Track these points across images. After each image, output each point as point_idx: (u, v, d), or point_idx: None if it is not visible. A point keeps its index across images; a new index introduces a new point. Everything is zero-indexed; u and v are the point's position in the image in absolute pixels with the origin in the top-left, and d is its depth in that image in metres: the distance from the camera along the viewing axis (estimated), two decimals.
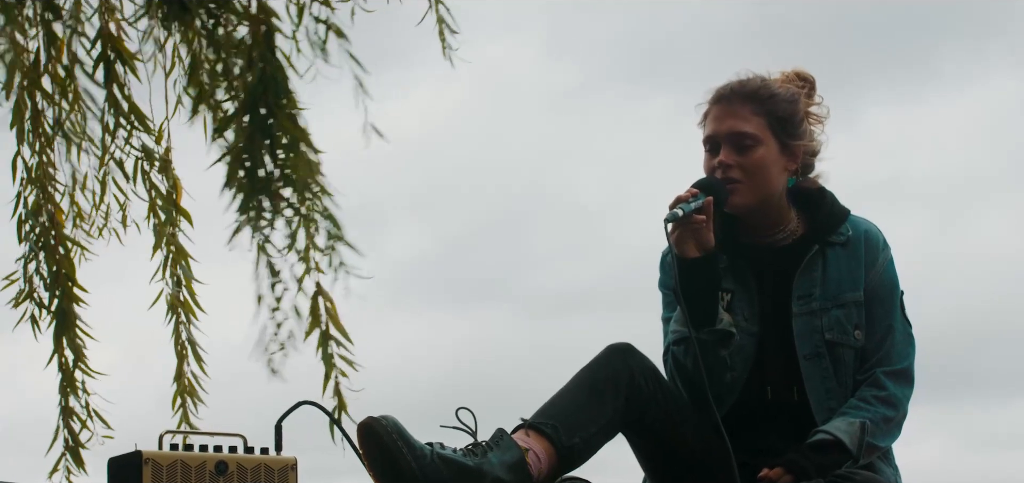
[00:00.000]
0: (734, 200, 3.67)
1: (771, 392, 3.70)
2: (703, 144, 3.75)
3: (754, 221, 3.73)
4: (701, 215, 3.58)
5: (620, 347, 3.56)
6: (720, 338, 3.61)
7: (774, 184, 3.71)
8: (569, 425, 3.41)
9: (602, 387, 3.49)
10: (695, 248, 3.59)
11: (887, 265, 3.77)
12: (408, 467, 3.17)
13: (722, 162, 3.67)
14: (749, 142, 3.68)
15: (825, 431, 3.60)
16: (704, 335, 3.58)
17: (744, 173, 3.68)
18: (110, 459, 3.49)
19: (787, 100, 3.74)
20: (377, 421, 3.20)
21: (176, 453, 3.40)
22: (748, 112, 3.69)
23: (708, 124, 3.74)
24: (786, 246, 3.75)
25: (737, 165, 3.67)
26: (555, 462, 3.39)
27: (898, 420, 3.71)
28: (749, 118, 3.69)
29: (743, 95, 3.72)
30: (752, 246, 3.74)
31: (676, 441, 3.60)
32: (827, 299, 3.70)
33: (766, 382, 3.70)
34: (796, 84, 3.81)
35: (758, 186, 3.69)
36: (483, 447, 3.31)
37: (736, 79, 3.76)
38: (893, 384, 3.70)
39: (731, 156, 3.68)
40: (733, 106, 3.70)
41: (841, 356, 3.70)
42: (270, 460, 3.46)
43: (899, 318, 3.76)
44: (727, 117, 3.70)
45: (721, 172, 3.67)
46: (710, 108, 3.75)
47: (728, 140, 3.68)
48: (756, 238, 3.74)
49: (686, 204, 3.57)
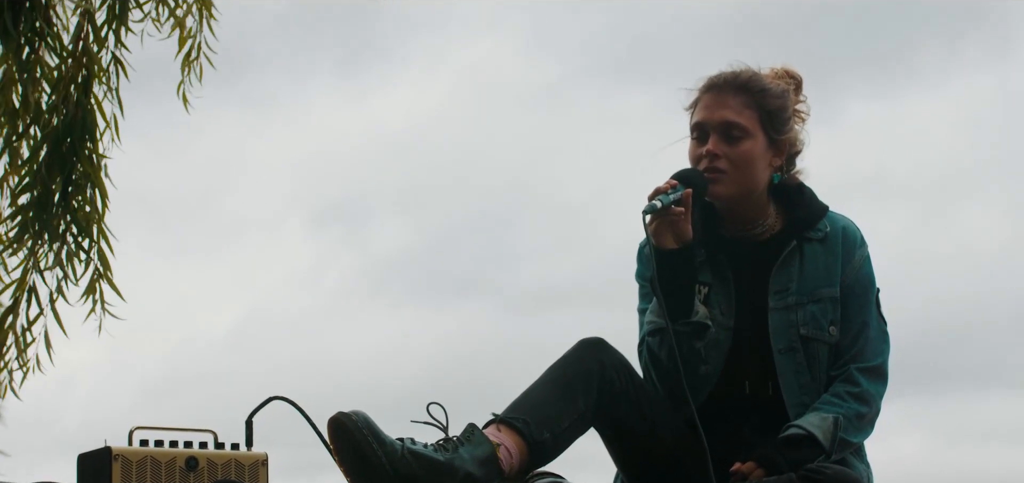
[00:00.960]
0: (716, 190, 3.66)
1: (748, 386, 3.69)
2: (691, 131, 3.74)
3: (734, 214, 3.73)
4: (680, 207, 3.57)
5: (592, 342, 3.55)
6: (695, 330, 3.60)
7: (758, 178, 3.71)
8: (540, 420, 3.40)
9: (573, 382, 3.48)
10: (673, 240, 3.58)
11: (864, 262, 3.77)
12: (378, 462, 3.15)
13: (710, 151, 3.66)
14: (738, 133, 3.68)
15: (798, 426, 3.59)
16: (679, 327, 3.57)
17: (730, 164, 3.67)
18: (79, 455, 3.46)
19: (777, 95, 3.74)
20: (347, 416, 3.19)
21: (146, 449, 3.38)
22: (740, 104, 3.69)
23: (698, 111, 3.73)
24: (764, 241, 3.74)
25: (724, 155, 3.67)
26: (526, 457, 3.38)
27: (871, 417, 3.71)
28: (740, 110, 3.69)
29: (736, 86, 3.71)
30: (730, 240, 3.74)
31: (648, 436, 3.59)
32: (803, 294, 3.70)
33: (742, 376, 3.70)
34: (785, 81, 3.81)
35: (743, 179, 3.69)
36: (454, 442, 3.30)
37: (730, 69, 3.75)
38: (867, 381, 3.70)
39: (719, 146, 3.67)
40: (725, 96, 3.70)
41: (815, 351, 3.70)
42: (241, 456, 3.44)
43: (874, 315, 3.76)
44: (718, 106, 3.69)
45: (707, 161, 3.66)
46: (701, 96, 3.74)
47: (718, 129, 3.68)
48: (735, 232, 3.74)
49: (665, 195, 3.56)
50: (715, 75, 3.75)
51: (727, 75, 3.74)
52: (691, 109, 3.76)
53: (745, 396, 3.69)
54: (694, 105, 3.75)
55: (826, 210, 3.79)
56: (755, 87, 3.72)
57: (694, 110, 3.75)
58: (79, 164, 5.59)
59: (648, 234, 3.58)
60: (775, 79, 3.79)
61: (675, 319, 3.57)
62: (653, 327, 3.64)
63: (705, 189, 3.64)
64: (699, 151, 3.69)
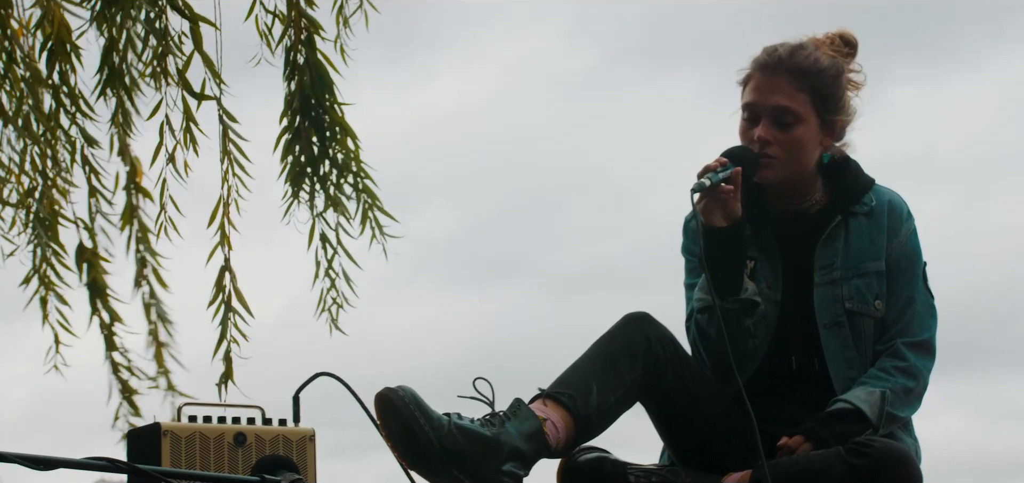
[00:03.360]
0: (767, 175, 3.63)
1: (795, 362, 3.68)
2: (742, 110, 3.69)
3: (781, 191, 3.70)
4: (729, 185, 3.54)
5: (637, 316, 3.54)
6: (745, 307, 3.59)
7: (809, 160, 3.68)
8: (586, 395, 3.40)
9: (619, 356, 3.47)
10: (722, 217, 3.55)
11: (910, 235, 3.74)
12: (425, 437, 3.16)
13: (761, 137, 3.62)
14: (790, 119, 3.63)
15: (844, 400, 3.58)
16: (729, 304, 3.56)
17: (782, 150, 3.63)
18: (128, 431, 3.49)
19: (833, 75, 3.67)
20: (394, 391, 3.19)
21: (195, 425, 3.40)
22: (793, 87, 3.63)
23: (750, 91, 3.67)
24: (810, 215, 3.72)
25: (776, 141, 3.62)
26: (573, 432, 3.38)
27: (918, 391, 3.68)
28: (793, 94, 3.63)
29: (790, 68, 3.64)
30: (776, 215, 3.71)
31: (694, 410, 3.58)
32: (848, 268, 3.68)
33: (788, 351, 3.68)
34: (840, 48, 3.73)
35: (794, 164, 3.65)
36: (501, 417, 3.30)
37: (784, 47, 3.67)
38: (913, 355, 3.68)
39: (771, 131, 3.63)
40: (778, 78, 3.64)
41: (861, 326, 3.68)
42: (288, 431, 3.46)
43: (921, 289, 3.73)
44: (771, 90, 3.63)
45: (758, 146, 3.63)
46: (754, 75, 3.67)
47: (770, 114, 3.63)
48: (780, 206, 3.71)
49: (714, 173, 3.53)
50: (769, 52, 3.68)
51: (782, 54, 3.65)
52: (743, 85, 3.72)
53: (791, 371, 3.68)
54: (745, 82, 3.70)
55: (872, 183, 3.76)
56: (809, 68, 3.65)
57: (746, 87, 3.69)
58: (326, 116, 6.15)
59: (697, 212, 3.56)
60: (829, 50, 3.71)
61: (724, 296, 3.55)
62: (702, 304, 3.62)
63: (756, 170, 3.61)
64: (750, 133, 3.65)
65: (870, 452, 3.39)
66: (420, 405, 3.18)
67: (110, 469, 3.02)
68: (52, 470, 2.98)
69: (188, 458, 3.35)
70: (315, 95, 6.22)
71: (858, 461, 3.38)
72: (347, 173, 6.36)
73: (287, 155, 6.38)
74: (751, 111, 3.66)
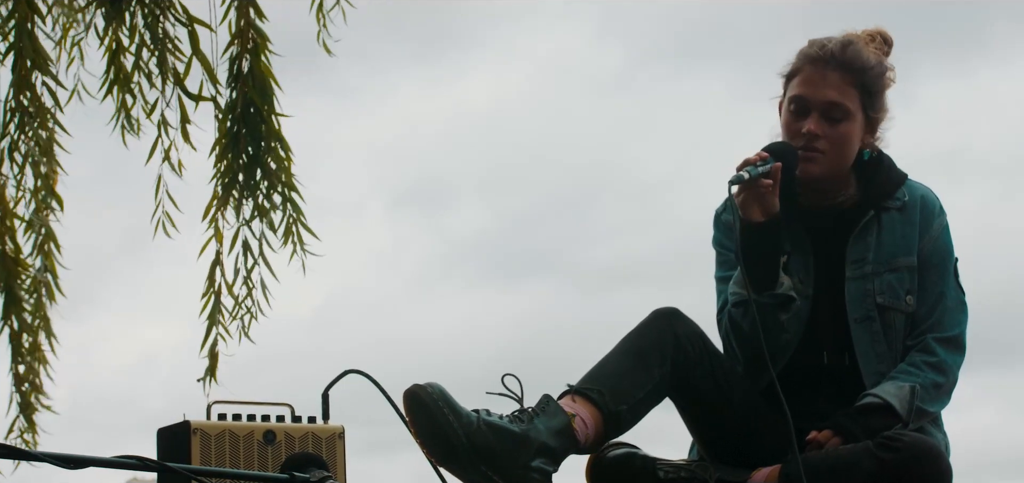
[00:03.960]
0: (810, 169, 3.61)
1: (826, 356, 3.67)
2: (788, 102, 3.66)
3: (817, 186, 3.68)
4: (768, 180, 3.52)
5: (666, 312, 3.54)
6: (780, 302, 3.57)
7: (851, 156, 3.67)
8: (615, 391, 3.39)
9: (648, 352, 3.47)
10: (760, 212, 3.54)
11: (942, 231, 3.73)
12: (454, 434, 3.16)
13: (810, 131, 3.60)
14: (839, 114, 3.62)
15: (874, 394, 3.57)
16: (764, 298, 3.54)
17: (830, 145, 3.61)
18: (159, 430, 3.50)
19: (878, 73, 3.67)
20: (422, 388, 3.19)
21: (224, 423, 3.41)
22: (843, 82, 3.62)
23: (799, 83, 3.65)
24: (843, 210, 3.70)
25: (825, 136, 3.61)
26: (602, 428, 3.38)
27: (948, 387, 3.67)
28: (845, 90, 3.62)
29: (841, 62, 3.62)
30: (809, 209, 3.69)
31: (723, 406, 3.58)
32: (880, 263, 3.67)
33: (819, 346, 3.67)
34: (880, 46, 3.72)
35: (838, 159, 3.64)
36: (529, 413, 3.30)
37: (834, 42, 3.65)
38: (943, 350, 3.66)
39: (820, 125, 3.61)
40: (830, 72, 3.62)
41: (892, 321, 3.67)
42: (317, 429, 3.46)
43: (952, 285, 3.72)
44: (822, 84, 3.62)
45: (805, 140, 3.61)
46: (803, 68, 3.65)
47: (820, 108, 3.61)
48: (813, 201, 3.69)
49: (753, 167, 3.51)
50: (819, 45, 3.65)
51: (834, 48, 3.64)
52: (788, 78, 3.69)
53: (822, 365, 3.67)
54: (793, 74, 3.68)
55: (905, 178, 3.74)
56: (858, 64, 3.63)
57: (793, 79, 3.67)
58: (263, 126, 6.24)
59: (735, 205, 3.53)
60: (872, 47, 3.70)
61: (759, 291, 3.53)
62: (737, 298, 3.60)
63: (796, 166, 3.59)
64: (797, 125, 3.63)
65: (899, 446, 3.37)
66: (449, 401, 3.18)
67: (140, 467, 3.02)
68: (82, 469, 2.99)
69: (218, 456, 3.36)
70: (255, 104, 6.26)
71: (887, 455, 3.37)
72: (277, 184, 6.37)
73: (220, 161, 6.39)
74: (800, 104, 3.64)
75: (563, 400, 3.37)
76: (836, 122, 3.62)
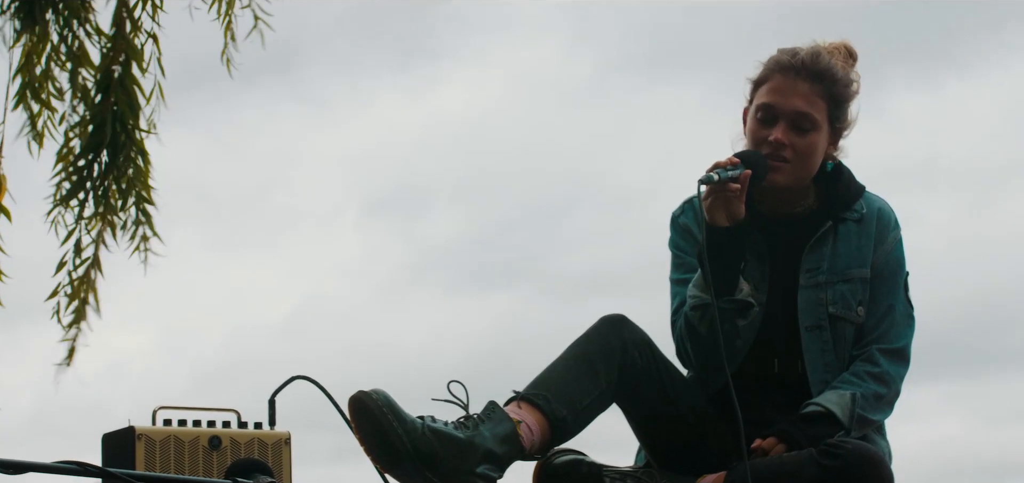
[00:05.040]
0: (776, 178, 3.61)
1: (777, 364, 3.68)
2: (755, 110, 3.66)
3: (777, 195, 3.68)
4: (736, 185, 3.52)
5: (613, 318, 3.53)
6: (739, 308, 3.58)
7: (815, 167, 3.67)
8: (562, 397, 3.39)
9: (595, 359, 3.46)
10: (725, 217, 3.53)
11: (896, 245, 3.74)
12: (398, 439, 3.15)
13: (777, 139, 3.60)
14: (807, 125, 3.62)
15: (816, 403, 3.58)
16: (723, 303, 3.54)
17: (796, 155, 3.61)
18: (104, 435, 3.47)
19: (846, 84, 3.67)
20: (368, 395, 3.19)
21: (169, 428, 3.40)
22: (812, 93, 3.62)
23: (768, 92, 3.64)
24: (800, 218, 3.71)
25: (791, 145, 3.61)
26: (548, 434, 3.37)
27: (889, 398, 3.68)
28: (814, 100, 3.62)
29: (811, 73, 3.62)
30: (767, 217, 3.69)
31: (670, 413, 3.58)
32: (834, 273, 3.67)
33: (770, 353, 3.68)
34: (845, 59, 3.73)
35: (803, 170, 3.64)
36: (475, 420, 3.29)
37: (805, 52, 3.65)
38: (887, 361, 3.68)
39: (788, 135, 3.60)
40: (799, 82, 3.62)
41: (842, 331, 3.68)
42: (264, 435, 3.45)
43: (901, 299, 3.73)
44: (792, 94, 3.61)
45: (771, 148, 3.60)
46: (772, 75, 3.65)
47: (789, 117, 3.61)
48: (771, 208, 3.70)
49: (723, 171, 3.50)
50: (790, 54, 3.65)
51: (804, 59, 3.63)
52: (756, 84, 3.69)
53: (772, 373, 3.68)
54: (762, 81, 3.68)
55: (863, 190, 3.75)
56: (828, 76, 3.64)
57: (761, 87, 3.67)
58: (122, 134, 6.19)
59: (701, 207, 3.52)
60: (836, 57, 3.70)
61: (719, 295, 3.52)
62: (696, 301, 3.59)
63: (764, 176, 3.59)
64: (763, 133, 3.62)
65: (842, 453, 3.39)
66: (393, 408, 3.18)
67: (82, 473, 3.00)
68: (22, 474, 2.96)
69: (162, 461, 3.34)
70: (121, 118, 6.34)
71: (831, 463, 3.38)
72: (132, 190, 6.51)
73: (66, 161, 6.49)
74: (768, 112, 3.63)
75: (509, 406, 3.37)
76: (804, 132, 3.62)
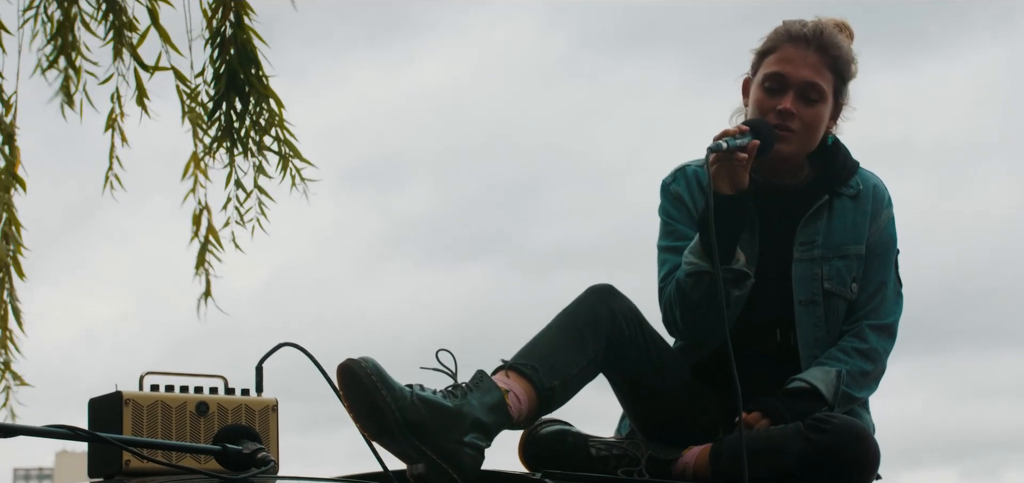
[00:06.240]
0: (782, 148, 3.62)
1: (767, 337, 3.69)
2: (763, 79, 3.67)
3: (776, 166, 3.69)
4: (744, 154, 3.53)
5: (601, 288, 3.54)
6: (735, 278, 3.58)
7: (818, 139, 3.69)
8: (549, 366, 3.40)
9: (583, 328, 3.47)
10: (729, 185, 3.54)
11: (888, 222, 3.77)
12: (387, 408, 3.15)
13: (785, 108, 3.61)
14: (815, 96, 3.64)
15: (801, 379, 3.61)
16: (722, 272, 3.53)
17: (802, 125, 3.63)
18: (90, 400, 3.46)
19: (850, 59, 3.70)
20: (356, 362, 3.18)
21: (156, 394, 3.38)
22: (821, 64, 3.64)
23: (776, 62, 3.66)
24: (794, 191, 3.72)
25: (799, 115, 3.62)
26: (535, 403, 3.38)
27: (876, 374, 3.71)
28: (821, 71, 3.64)
29: (821, 44, 3.65)
30: (761, 186, 3.69)
31: (656, 383, 3.59)
32: (830, 249, 3.69)
33: (760, 326, 3.68)
34: (847, 37, 3.75)
35: (808, 141, 3.66)
36: (463, 389, 3.29)
37: (814, 23, 3.67)
38: (876, 337, 3.71)
39: (796, 105, 3.62)
40: (810, 53, 3.64)
41: (835, 306, 3.70)
42: (251, 401, 3.44)
43: (892, 276, 3.77)
44: (802, 64, 3.63)
45: (778, 117, 3.61)
46: (781, 46, 3.67)
47: (798, 87, 3.63)
48: (766, 178, 3.70)
49: (732, 139, 3.51)
50: (800, 25, 3.67)
51: (814, 29, 3.66)
52: (762, 54, 3.70)
53: (763, 344, 3.69)
54: (769, 51, 3.69)
55: (858, 167, 3.77)
56: (835, 49, 3.66)
57: (768, 56, 3.68)
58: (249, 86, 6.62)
59: (708, 173, 3.52)
60: (844, 36, 3.73)
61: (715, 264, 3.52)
62: (693, 268, 3.59)
63: (772, 145, 3.59)
64: (771, 103, 3.64)
65: (829, 429, 3.41)
66: (382, 376, 3.17)
67: (71, 437, 3.00)
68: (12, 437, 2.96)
69: (149, 426, 3.33)
70: (242, 69, 6.40)
71: (817, 437, 3.40)
72: (270, 129, 6.71)
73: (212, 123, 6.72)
74: (778, 81, 3.64)
75: (497, 376, 3.37)
76: (811, 103, 3.64)
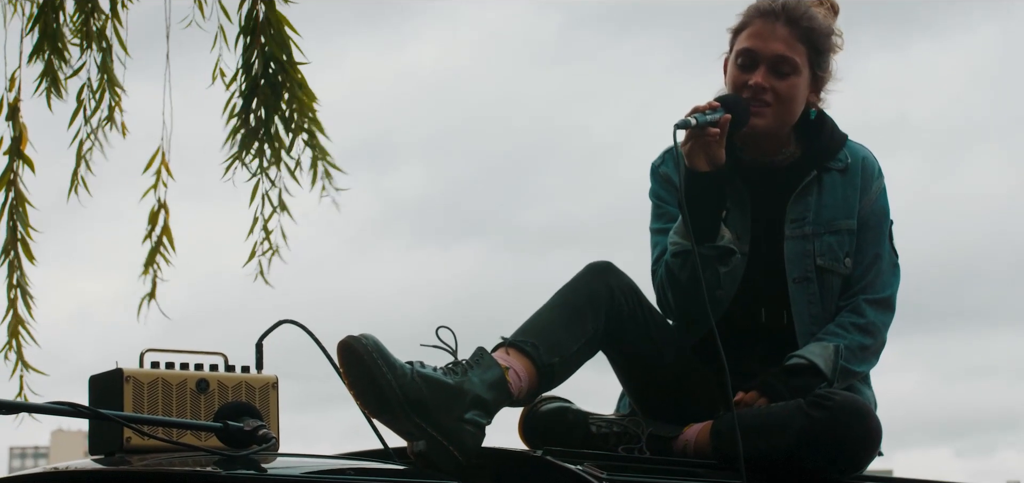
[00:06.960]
0: (756, 123, 3.63)
1: (762, 315, 3.69)
2: (736, 56, 3.69)
3: (758, 142, 3.70)
4: (715, 129, 3.53)
5: (600, 266, 3.55)
6: (720, 254, 3.59)
7: (797, 113, 3.69)
8: (549, 343, 3.40)
9: (582, 305, 3.48)
10: (705, 162, 3.54)
11: (880, 193, 3.77)
12: (388, 385, 3.15)
13: (757, 83, 3.63)
14: (787, 69, 3.65)
15: (799, 355, 3.61)
16: (704, 250, 3.55)
17: (776, 99, 3.64)
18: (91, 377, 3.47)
19: (826, 32, 3.71)
20: (357, 340, 3.19)
21: (157, 371, 3.39)
22: (792, 37, 3.65)
23: (747, 37, 3.68)
24: (782, 167, 3.73)
25: (772, 88, 3.64)
26: (535, 381, 3.39)
27: (875, 348, 3.71)
28: (792, 44, 3.65)
29: (790, 18, 3.66)
30: (749, 164, 3.70)
31: (655, 360, 3.60)
32: (821, 224, 3.69)
33: (754, 304, 3.69)
34: (827, 11, 3.76)
35: (784, 114, 3.67)
36: (464, 366, 3.30)
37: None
38: (873, 311, 3.71)
39: (768, 78, 3.64)
40: (779, 26, 3.65)
41: (829, 282, 3.70)
42: (251, 378, 3.44)
43: (887, 247, 3.76)
44: (771, 38, 3.65)
45: (752, 93, 3.63)
46: (752, 21, 3.68)
47: (769, 61, 3.64)
48: (753, 156, 3.71)
49: (702, 115, 3.51)
50: (768, 1, 3.69)
51: (784, 3, 3.68)
52: (736, 32, 3.72)
53: (757, 324, 3.70)
54: (741, 28, 3.70)
55: (846, 139, 3.77)
56: (807, 22, 3.67)
57: (741, 33, 3.70)
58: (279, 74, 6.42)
59: (677, 150, 3.53)
60: (822, 10, 3.74)
61: (700, 242, 3.54)
62: (678, 248, 3.60)
63: (746, 121, 3.61)
64: (744, 78, 3.65)
65: (830, 405, 3.41)
66: (383, 353, 3.18)
67: (72, 413, 3.01)
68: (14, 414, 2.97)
69: (150, 404, 3.34)
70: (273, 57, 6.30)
71: (818, 414, 3.41)
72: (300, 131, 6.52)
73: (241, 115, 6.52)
74: (749, 57, 3.66)
75: (497, 353, 3.38)
76: (784, 76, 3.65)
